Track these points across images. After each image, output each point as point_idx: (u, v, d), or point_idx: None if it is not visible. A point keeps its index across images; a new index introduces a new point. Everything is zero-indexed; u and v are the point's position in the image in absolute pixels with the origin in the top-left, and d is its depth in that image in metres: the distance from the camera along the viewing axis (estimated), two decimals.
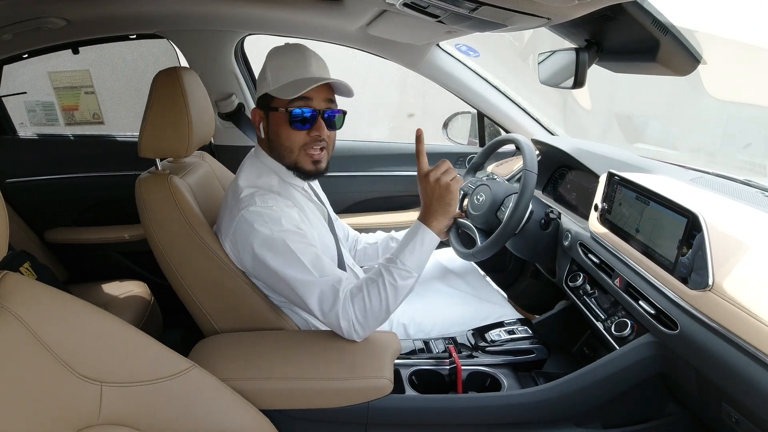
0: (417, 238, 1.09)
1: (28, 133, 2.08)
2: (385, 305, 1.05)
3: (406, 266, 1.06)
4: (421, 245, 1.08)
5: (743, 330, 0.80)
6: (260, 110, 1.16)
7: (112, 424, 0.71)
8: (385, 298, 1.04)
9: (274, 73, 1.13)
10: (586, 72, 1.28)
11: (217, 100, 1.90)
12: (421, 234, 1.09)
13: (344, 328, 1.05)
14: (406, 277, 1.06)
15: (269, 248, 1.05)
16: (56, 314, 0.70)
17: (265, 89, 1.13)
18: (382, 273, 1.06)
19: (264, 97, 1.15)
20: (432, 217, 1.10)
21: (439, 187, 1.09)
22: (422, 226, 1.10)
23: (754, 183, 1.22)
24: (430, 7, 1.00)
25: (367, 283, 1.06)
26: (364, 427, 1.06)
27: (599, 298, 1.26)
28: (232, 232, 1.09)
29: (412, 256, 1.07)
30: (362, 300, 1.04)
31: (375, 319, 1.06)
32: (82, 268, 1.97)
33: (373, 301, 1.04)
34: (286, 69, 1.12)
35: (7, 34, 1.59)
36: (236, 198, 1.11)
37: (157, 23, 1.77)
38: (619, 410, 1.10)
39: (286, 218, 1.08)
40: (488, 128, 2.14)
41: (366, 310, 1.04)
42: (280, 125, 1.13)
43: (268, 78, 1.13)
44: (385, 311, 1.05)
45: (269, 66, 1.14)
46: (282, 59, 1.13)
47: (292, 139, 1.13)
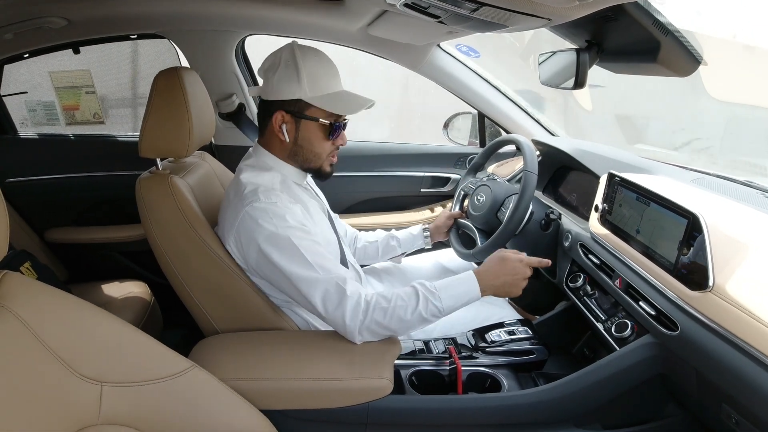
0: (464, 289, 1.09)
1: (28, 132, 2.08)
2: (400, 326, 1.05)
3: (441, 305, 1.06)
4: (465, 296, 1.09)
5: (744, 331, 0.80)
6: (288, 114, 1.12)
7: (112, 424, 0.71)
8: (407, 323, 1.04)
9: (311, 80, 1.09)
10: (587, 73, 1.28)
11: (217, 100, 1.90)
12: (471, 286, 1.09)
13: (349, 328, 1.04)
14: (435, 314, 1.06)
15: (274, 245, 1.05)
16: (57, 314, 0.70)
17: (299, 95, 1.09)
18: (418, 298, 1.05)
19: (296, 102, 1.11)
20: (491, 285, 1.11)
21: (521, 273, 1.14)
22: (475, 281, 1.09)
23: (754, 184, 1.22)
24: (431, 8, 1.00)
25: (396, 300, 1.05)
26: (364, 427, 1.06)
27: (599, 298, 1.26)
28: (236, 228, 1.09)
29: (450, 298, 1.07)
30: (384, 312, 1.03)
31: (384, 330, 1.06)
32: (82, 267, 1.97)
33: (393, 318, 1.04)
34: (322, 79, 1.11)
35: (8, 34, 1.59)
36: (239, 195, 1.10)
37: (158, 23, 1.76)
38: (619, 411, 1.10)
39: (290, 214, 1.07)
40: (489, 129, 2.14)
41: (381, 323, 1.04)
42: (314, 133, 1.14)
43: (304, 84, 1.09)
44: (396, 330, 1.06)
45: (305, 71, 1.09)
46: (316, 67, 1.11)
47: (324, 148, 1.16)
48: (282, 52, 1.12)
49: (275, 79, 1.11)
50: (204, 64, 1.85)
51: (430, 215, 2.10)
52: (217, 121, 1.91)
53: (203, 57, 1.86)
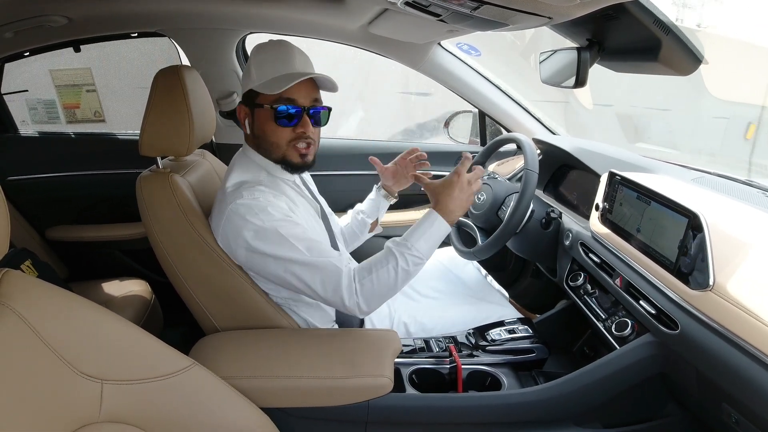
0: (433, 227, 1.09)
1: (29, 131, 2.08)
2: (393, 289, 1.06)
3: (419, 252, 1.06)
4: (436, 233, 1.09)
5: (744, 330, 0.80)
6: (245, 107, 1.17)
7: (113, 422, 0.71)
8: (394, 282, 1.05)
9: (257, 69, 1.12)
10: (588, 71, 1.28)
11: (218, 98, 1.90)
12: (438, 223, 1.09)
13: (348, 306, 1.05)
14: (417, 263, 1.07)
15: (262, 238, 1.05)
16: (57, 312, 0.70)
17: (250, 85, 1.13)
18: (395, 256, 1.06)
19: (249, 93, 1.14)
20: (449, 210, 1.10)
21: (469, 187, 1.12)
22: (438, 216, 1.09)
23: (755, 183, 1.22)
24: (432, 6, 1.00)
25: (376, 266, 1.06)
26: (364, 425, 1.06)
27: (600, 297, 1.26)
28: (222, 227, 1.09)
29: (424, 242, 1.07)
30: (371, 282, 1.04)
31: (381, 298, 1.07)
32: (83, 266, 1.97)
33: (381, 284, 1.04)
34: (269, 65, 1.12)
35: (8, 32, 1.59)
36: (224, 194, 1.11)
37: (159, 21, 1.76)
38: (619, 410, 1.10)
39: (273, 207, 1.07)
40: (489, 127, 2.14)
41: (374, 292, 1.05)
42: (265, 122, 1.13)
43: (253, 74, 1.12)
44: (391, 293, 1.07)
45: (253, 62, 1.13)
46: (265, 55, 1.13)
47: (278, 135, 1.13)
48: None
49: (242, 77, 1.16)
50: (205, 63, 1.85)
51: None
52: (218, 119, 1.92)
53: (204, 55, 1.86)
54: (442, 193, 1.11)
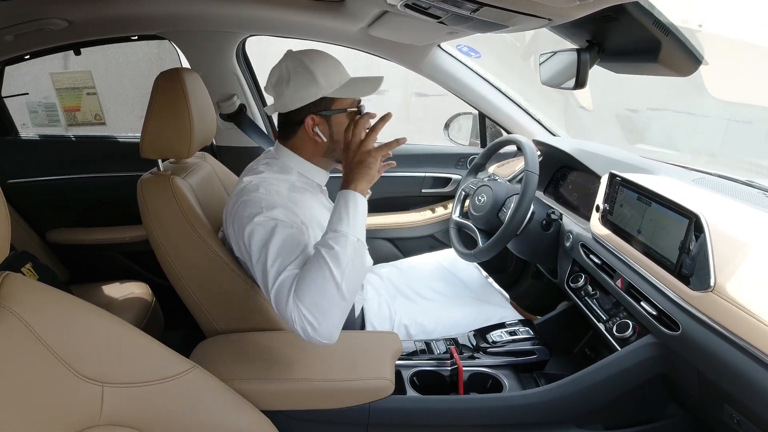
0: (342, 205, 0.99)
1: (29, 134, 2.08)
2: (331, 280, 0.91)
3: (339, 231, 0.96)
4: (350, 208, 0.99)
5: (745, 331, 0.80)
6: (317, 116, 1.13)
7: (114, 425, 0.71)
8: (328, 272, 0.91)
9: (325, 78, 1.11)
10: (588, 73, 1.28)
11: (218, 101, 1.90)
12: (347, 198, 1.00)
13: (299, 330, 0.92)
14: (342, 243, 0.94)
15: (256, 233, 1.01)
16: (58, 315, 0.70)
17: (321, 93, 1.11)
18: (318, 249, 0.95)
19: (319, 102, 1.12)
20: (359, 182, 1.02)
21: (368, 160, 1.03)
22: (347, 192, 1.01)
23: (756, 184, 1.22)
24: (432, 8, 1.00)
25: (306, 268, 0.95)
26: (365, 427, 1.06)
27: (601, 299, 1.26)
28: (232, 217, 1.08)
29: (341, 221, 0.97)
30: (304, 284, 0.92)
31: (327, 303, 0.91)
32: (83, 268, 1.97)
33: (317, 280, 0.91)
34: (334, 72, 1.12)
35: (9, 35, 1.59)
36: (242, 187, 1.10)
37: (159, 24, 1.77)
38: (621, 411, 1.10)
39: (281, 209, 1.05)
40: (490, 129, 2.14)
41: (312, 295, 0.91)
42: (345, 125, 1.11)
43: (322, 82, 1.10)
44: (333, 288, 0.91)
45: (318, 71, 1.10)
46: (324, 63, 1.12)
47: None
48: (285, 62, 1.12)
49: (291, 89, 1.10)
50: (205, 65, 1.85)
51: (431, 215, 2.10)
52: (219, 122, 1.92)
53: (204, 58, 1.86)
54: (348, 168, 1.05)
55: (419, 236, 2.11)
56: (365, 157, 1.03)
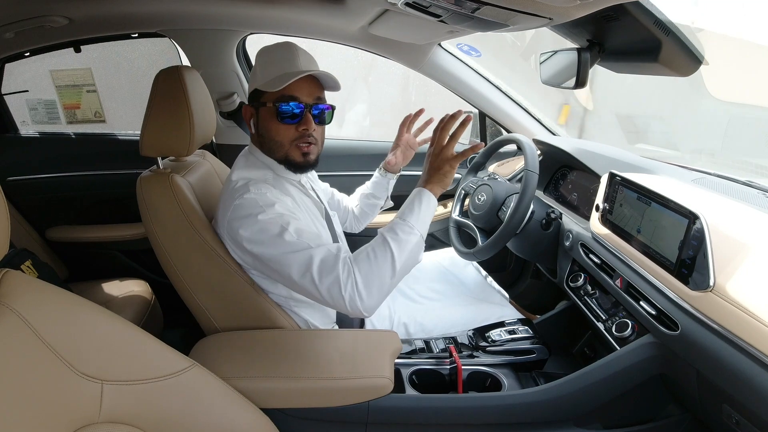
0: (416, 200, 1.08)
1: (29, 131, 2.08)
2: (390, 262, 0.99)
3: (407, 222, 1.04)
4: (423, 205, 1.08)
5: (744, 331, 0.80)
6: (251, 107, 1.18)
7: (113, 422, 0.71)
8: (390, 254, 0.99)
9: (262, 69, 1.14)
10: (588, 72, 1.28)
11: (218, 99, 1.90)
12: (421, 196, 1.09)
13: (347, 297, 0.97)
14: (408, 232, 1.03)
15: (265, 231, 1.03)
16: (57, 312, 0.70)
17: (255, 85, 1.15)
18: (384, 233, 1.03)
19: (254, 93, 1.16)
20: (432, 184, 1.11)
21: (447, 161, 1.12)
22: (423, 190, 1.10)
23: (755, 184, 1.22)
24: (432, 7, 1.00)
25: (370, 246, 1.03)
26: (364, 426, 1.06)
27: (600, 298, 1.26)
28: (227, 221, 1.08)
29: (412, 214, 1.06)
30: (366, 258, 1.00)
31: (380, 280, 0.98)
32: (83, 266, 1.97)
33: (378, 258, 0.99)
34: (274, 64, 1.13)
35: (9, 33, 1.59)
36: (231, 189, 1.11)
37: (159, 22, 1.77)
38: (620, 411, 1.10)
39: (280, 204, 1.07)
40: (490, 128, 2.14)
41: (371, 270, 0.98)
42: (269, 120, 1.14)
43: (258, 74, 1.14)
44: (390, 270, 0.99)
45: (258, 62, 1.16)
46: (270, 55, 1.15)
47: (281, 133, 1.14)
48: None
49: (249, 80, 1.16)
50: (205, 63, 1.85)
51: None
52: (218, 120, 1.92)
53: (204, 56, 1.86)
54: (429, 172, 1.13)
55: None
56: (444, 165, 1.11)
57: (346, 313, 1.01)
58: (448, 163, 1.11)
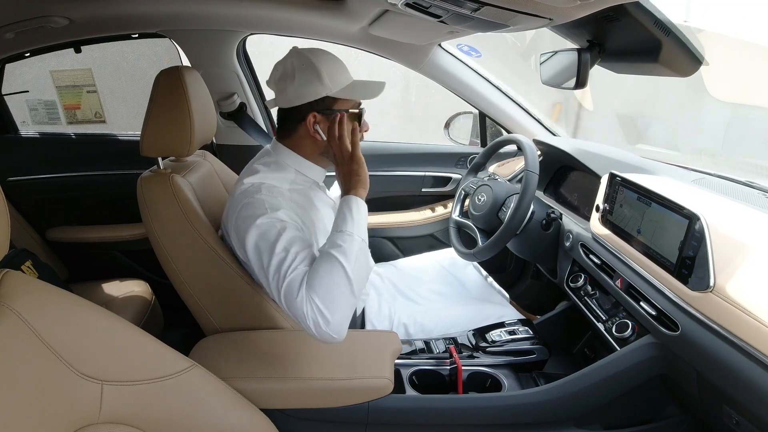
0: (345, 209, 1.05)
1: (30, 131, 2.08)
2: (343, 274, 0.95)
3: (345, 231, 1.01)
4: (353, 211, 1.04)
5: (744, 331, 0.80)
6: (319, 113, 1.14)
7: (113, 423, 0.71)
8: (340, 266, 0.95)
9: (330, 77, 1.12)
10: (588, 72, 1.28)
11: (219, 99, 1.90)
12: (349, 203, 1.06)
13: (311, 324, 0.93)
14: (348, 240, 0.99)
15: (262, 234, 1.02)
16: (58, 313, 0.70)
17: (324, 92, 1.11)
18: (326, 249, 1.00)
19: (324, 100, 1.13)
20: (354, 189, 1.08)
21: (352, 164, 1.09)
22: (347, 197, 1.07)
23: (756, 184, 1.22)
24: (432, 8, 1.00)
25: (317, 265, 0.98)
26: (364, 427, 1.06)
27: (600, 299, 1.26)
28: (234, 219, 1.08)
29: (346, 222, 1.02)
30: (318, 278, 0.95)
31: (340, 296, 0.95)
32: (83, 266, 1.97)
33: (331, 273, 0.95)
34: (338, 73, 1.14)
35: (9, 33, 1.59)
36: (243, 190, 1.10)
37: (160, 23, 1.77)
38: (620, 411, 1.10)
39: (285, 211, 1.06)
40: (490, 128, 2.14)
41: (328, 287, 0.94)
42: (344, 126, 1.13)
43: (326, 82, 1.11)
44: (345, 281, 0.95)
45: (324, 70, 1.11)
46: (331, 63, 1.14)
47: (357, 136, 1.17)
48: (291, 59, 1.13)
49: (296, 85, 1.11)
50: (205, 64, 1.85)
51: (431, 215, 2.10)
52: (219, 120, 1.92)
53: (204, 56, 1.86)
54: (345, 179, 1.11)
55: (419, 235, 2.11)
56: (355, 167, 1.09)
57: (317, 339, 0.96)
58: (359, 165, 1.09)
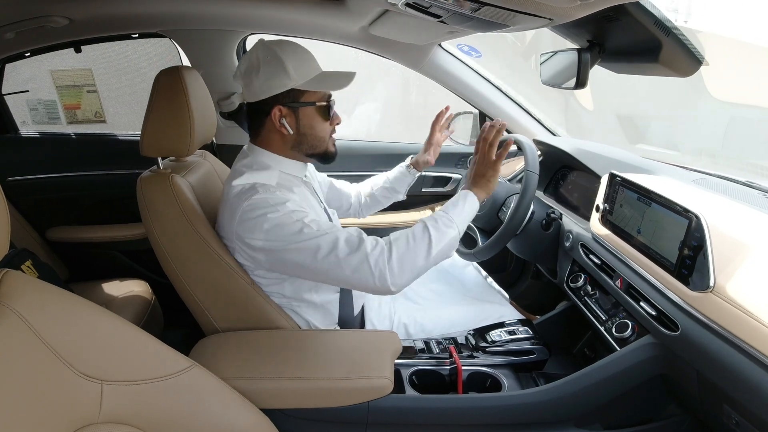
0: (461, 199, 1.16)
1: (30, 131, 2.08)
2: (427, 247, 1.05)
3: (449, 216, 1.11)
4: (467, 205, 1.15)
5: (744, 332, 0.80)
6: (285, 107, 1.13)
7: (113, 423, 0.71)
8: (428, 240, 1.05)
9: (296, 68, 1.11)
10: (588, 73, 1.28)
11: (219, 99, 1.90)
12: (466, 197, 1.16)
13: (376, 272, 1.00)
14: (448, 225, 1.09)
15: (282, 225, 1.03)
16: (58, 312, 0.70)
17: (290, 85, 1.11)
18: (426, 221, 1.09)
19: (289, 93, 1.12)
20: (478, 188, 1.19)
21: (490, 166, 1.20)
22: (469, 192, 1.17)
23: (755, 185, 1.22)
24: (432, 8, 1.00)
25: (411, 230, 1.08)
26: (364, 427, 1.06)
27: (600, 299, 1.26)
28: (236, 225, 1.08)
29: (455, 209, 1.13)
30: (405, 240, 1.05)
31: (413, 261, 1.03)
32: (83, 266, 1.98)
33: (417, 241, 1.05)
34: (305, 64, 1.13)
35: (9, 33, 1.59)
36: (237, 193, 1.09)
37: (160, 22, 1.77)
38: (620, 411, 1.10)
39: (291, 202, 1.07)
40: None
41: (408, 250, 1.03)
42: (313, 118, 1.16)
43: (292, 74, 1.10)
44: (425, 253, 1.04)
45: (289, 62, 1.10)
46: (296, 55, 1.12)
47: (325, 130, 1.19)
48: (256, 52, 1.12)
49: (261, 78, 1.10)
50: (205, 64, 1.85)
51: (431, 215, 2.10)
52: (219, 120, 1.92)
53: (205, 56, 1.86)
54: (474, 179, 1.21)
55: None
56: (490, 174, 1.20)
57: (372, 290, 1.04)
58: (492, 168, 1.19)
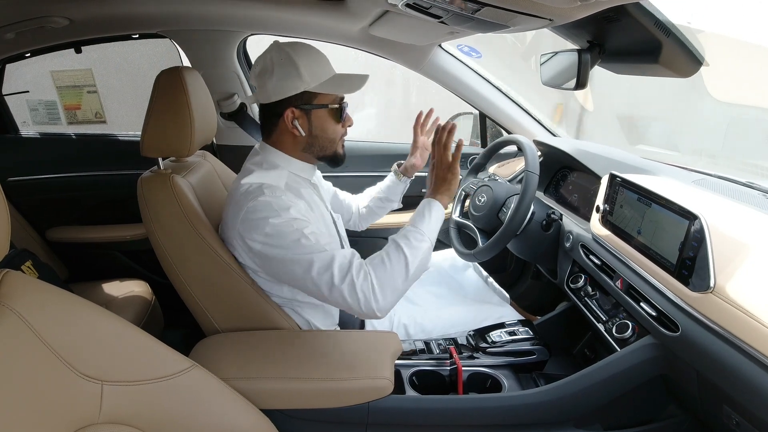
0: (426, 209, 1.15)
1: (30, 131, 2.08)
2: (404, 266, 1.04)
3: (419, 229, 1.10)
4: (433, 214, 1.14)
5: (744, 332, 0.80)
6: (297, 109, 1.14)
7: (113, 423, 0.71)
8: (404, 259, 1.04)
9: (308, 71, 1.11)
10: (588, 73, 1.28)
11: (219, 99, 1.90)
12: (431, 205, 1.15)
13: (362, 298, 1.00)
14: (420, 239, 1.08)
15: (282, 234, 1.03)
16: (58, 313, 0.70)
17: (303, 87, 1.11)
18: (397, 239, 1.08)
19: (303, 95, 1.12)
20: (440, 194, 1.18)
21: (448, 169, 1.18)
22: (431, 200, 1.16)
23: (756, 185, 1.22)
24: (433, 8, 1.00)
25: (384, 251, 1.07)
26: (364, 427, 1.06)
27: (600, 299, 1.26)
28: (239, 223, 1.08)
29: (423, 221, 1.12)
30: (381, 262, 1.04)
31: (394, 283, 1.03)
32: (83, 266, 1.98)
33: (393, 262, 1.04)
34: (318, 67, 1.13)
35: (10, 33, 1.59)
36: (244, 191, 1.09)
37: (160, 23, 1.77)
38: (620, 412, 1.10)
39: (295, 208, 1.07)
40: (490, 129, 2.14)
41: (386, 273, 1.03)
42: (326, 120, 1.16)
43: (305, 76, 1.10)
44: (403, 274, 1.04)
45: (302, 64, 1.10)
46: (310, 57, 1.12)
47: (337, 132, 1.20)
48: (270, 54, 1.12)
49: (275, 80, 1.11)
50: (206, 64, 1.85)
51: None
52: (219, 120, 1.92)
53: (205, 57, 1.86)
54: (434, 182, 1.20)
55: None
56: (449, 177, 1.18)
57: (358, 314, 1.03)
58: (450, 170, 1.18)
